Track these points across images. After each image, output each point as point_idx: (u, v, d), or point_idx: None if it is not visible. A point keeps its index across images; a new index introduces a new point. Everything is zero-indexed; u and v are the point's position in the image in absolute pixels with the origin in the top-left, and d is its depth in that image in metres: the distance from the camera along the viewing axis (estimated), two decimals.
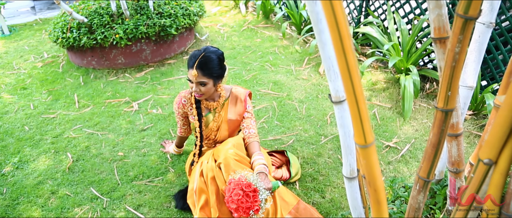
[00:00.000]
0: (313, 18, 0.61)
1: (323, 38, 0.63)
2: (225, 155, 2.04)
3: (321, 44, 0.64)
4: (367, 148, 0.64)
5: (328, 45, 0.64)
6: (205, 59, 2.02)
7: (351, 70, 0.53)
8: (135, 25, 3.90)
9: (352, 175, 0.86)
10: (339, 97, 0.73)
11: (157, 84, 3.84)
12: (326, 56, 0.66)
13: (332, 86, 0.71)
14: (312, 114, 3.20)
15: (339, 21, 0.49)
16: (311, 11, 0.60)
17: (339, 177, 2.53)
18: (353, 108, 0.58)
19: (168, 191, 2.47)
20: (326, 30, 0.62)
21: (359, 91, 0.56)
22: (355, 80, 0.54)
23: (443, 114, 0.84)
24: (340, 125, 0.77)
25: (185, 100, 2.27)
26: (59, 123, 3.26)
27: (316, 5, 0.59)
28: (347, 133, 0.78)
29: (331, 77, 0.69)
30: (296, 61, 4.17)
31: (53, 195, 2.48)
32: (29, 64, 4.45)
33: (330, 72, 0.68)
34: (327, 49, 0.65)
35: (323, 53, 0.65)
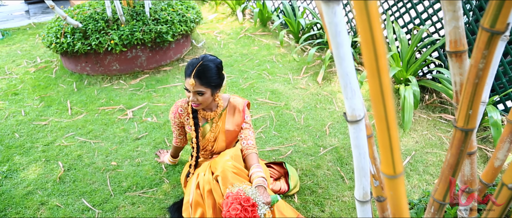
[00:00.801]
0: (332, 30, 0.55)
1: (341, 52, 0.57)
2: (222, 168, 1.97)
3: (338, 59, 0.58)
4: (396, 178, 0.58)
5: (347, 60, 0.58)
6: (203, 67, 1.96)
7: (385, 94, 0.47)
8: (130, 31, 3.83)
9: (365, 198, 0.80)
10: (356, 116, 0.67)
11: (152, 91, 3.77)
12: (343, 72, 0.60)
13: (349, 104, 0.65)
14: (310, 125, 3.14)
15: (376, 38, 0.43)
16: (330, 23, 0.55)
17: (339, 189, 2.46)
18: (383, 135, 0.52)
19: (163, 203, 2.39)
20: (345, 44, 0.56)
21: (392, 117, 0.50)
22: (388, 105, 0.48)
23: (463, 133, 0.78)
24: (355, 145, 0.71)
25: (181, 110, 2.20)
26: (51, 130, 3.17)
27: (336, 16, 0.53)
28: (362, 154, 0.72)
29: (348, 94, 0.63)
30: (294, 69, 4.11)
31: (42, 206, 2.39)
32: (21, 69, 4.36)
33: (347, 89, 0.62)
34: (345, 64, 0.59)
35: (341, 68, 0.59)
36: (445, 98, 3.42)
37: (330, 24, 0.55)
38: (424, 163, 2.70)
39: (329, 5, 0.53)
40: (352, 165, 2.64)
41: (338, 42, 0.56)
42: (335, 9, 0.53)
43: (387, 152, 0.55)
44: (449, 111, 3.27)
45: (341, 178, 2.56)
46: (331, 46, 0.58)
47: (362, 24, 0.43)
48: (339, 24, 0.54)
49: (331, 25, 0.55)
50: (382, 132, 0.52)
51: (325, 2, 0.53)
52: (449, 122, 3.14)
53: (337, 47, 0.56)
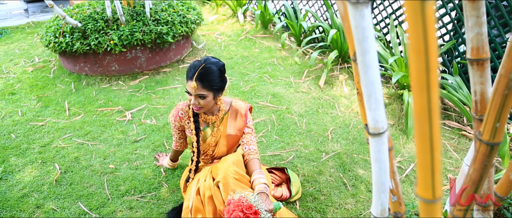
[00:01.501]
0: (358, 35, 0.50)
1: (367, 59, 0.52)
2: (224, 174, 1.92)
3: (364, 66, 0.53)
4: (434, 203, 0.53)
5: (373, 68, 0.53)
6: (206, 70, 1.90)
7: (433, 112, 0.42)
8: (130, 32, 3.78)
9: (383, 214, 0.75)
10: (379, 128, 0.62)
11: (151, 93, 3.71)
12: (368, 81, 0.55)
13: (371, 115, 0.60)
14: (312, 129, 3.09)
15: (430, 47, 0.38)
16: (357, 27, 0.50)
17: (342, 197, 2.41)
18: (424, 156, 0.47)
19: (161, 208, 2.34)
20: (372, 50, 0.51)
21: (437, 137, 0.45)
22: (435, 124, 0.43)
23: (488, 148, 0.73)
24: (376, 159, 0.66)
25: (182, 113, 2.14)
26: (48, 131, 3.11)
27: (364, 20, 0.48)
28: (383, 169, 0.67)
29: (372, 105, 0.58)
30: (295, 73, 4.07)
31: (38, 210, 2.33)
32: (19, 68, 4.30)
33: (371, 99, 0.57)
34: (371, 73, 0.54)
35: (365, 77, 0.54)
36: (449, 104, 3.38)
37: (357, 28, 0.50)
38: None
39: (357, 8, 0.48)
40: (355, 171, 2.60)
41: (364, 48, 0.51)
42: (363, 12, 0.48)
43: (427, 174, 0.50)
44: (453, 117, 3.23)
45: (344, 185, 2.51)
46: (356, 52, 0.53)
47: (415, 29, 0.38)
48: (367, 29, 0.49)
49: (358, 29, 0.50)
50: (424, 152, 0.47)
51: (353, 4, 0.48)
52: (453, 129, 3.10)
53: (363, 53, 0.51)
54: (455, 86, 3.15)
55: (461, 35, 3.21)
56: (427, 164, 0.49)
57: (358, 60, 0.53)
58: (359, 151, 2.83)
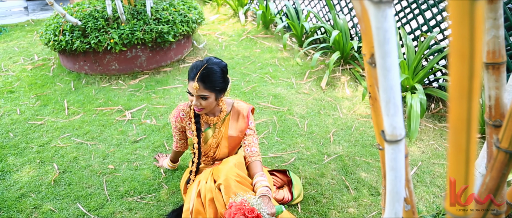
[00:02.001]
0: (380, 37, 0.47)
1: (388, 62, 0.49)
2: (225, 176, 1.88)
3: (383, 70, 0.50)
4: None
5: (393, 72, 0.50)
6: (208, 71, 1.87)
7: (472, 121, 0.39)
8: (131, 30, 3.74)
9: None
10: (397, 135, 0.59)
11: (152, 92, 3.68)
12: (388, 86, 0.52)
13: (389, 121, 0.57)
14: (314, 131, 3.06)
15: (475, 52, 0.35)
16: (378, 28, 0.46)
17: (344, 200, 2.38)
18: (458, 170, 0.44)
19: (161, 210, 2.30)
20: (393, 53, 0.48)
21: (474, 149, 0.42)
22: (472, 136, 0.40)
23: (507, 156, 0.70)
24: (392, 167, 0.63)
25: (183, 114, 2.11)
26: (47, 130, 3.08)
27: (386, 21, 0.45)
28: (399, 178, 0.63)
29: (390, 111, 0.55)
30: (297, 74, 4.03)
31: (35, 210, 2.29)
32: (18, 67, 4.26)
33: (389, 105, 0.54)
34: (391, 76, 0.51)
35: (385, 81, 0.51)
36: None
37: (379, 30, 0.46)
38: (431, 175, 2.63)
39: (379, 8, 0.45)
40: (357, 174, 2.57)
41: (385, 51, 0.48)
42: (386, 12, 0.45)
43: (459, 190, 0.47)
44: None
45: (346, 188, 2.48)
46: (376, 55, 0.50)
47: (460, 31, 0.35)
48: (389, 30, 0.46)
49: (379, 31, 0.46)
50: (458, 166, 0.44)
51: (376, 4, 0.45)
52: None
53: (383, 56, 0.48)
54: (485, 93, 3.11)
55: None
56: (460, 179, 0.46)
57: (378, 64, 0.50)
58: (361, 154, 2.80)
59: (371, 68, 0.60)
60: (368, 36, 0.57)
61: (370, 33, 0.55)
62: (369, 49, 0.58)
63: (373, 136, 3.00)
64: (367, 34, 0.57)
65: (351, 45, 3.87)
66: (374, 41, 0.48)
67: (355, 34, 4.24)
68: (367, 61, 0.59)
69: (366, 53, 0.59)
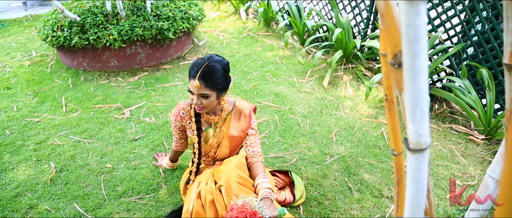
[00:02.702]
0: (410, 35, 0.42)
1: (417, 64, 0.44)
2: (227, 177, 1.83)
3: (412, 72, 0.45)
4: None
5: (422, 75, 0.45)
6: (209, 69, 1.81)
7: None
8: (130, 27, 3.68)
9: None
10: (421, 144, 0.53)
11: (151, 90, 3.62)
12: (415, 90, 0.46)
13: (414, 129, 0.52)
14: (316, 131, 3.01)
15: None
16: (409, 25, 0.41)
17: (346, 202, 2.33)
18: None
19: (160, 211, 2.25)
20: (423, 53, 0.43)
21: None
22: None
23: None
24: (414, 178, 0.58)
25: (183, 113, 2.05)
26: (44, 128, 3.02)
27: (418, 17, 0.40)
28: (421, 189, 0.58)
29: (416, 117, 0.50)
30: (299, 72, 3.98)
31: (31, 210, 2.24)
32: (15, 62, 4.20)
33: (416, 110, 0.49)
34: (420, 80, 0.45)
35: (413, 84, 0.46)
36: (456, 108, 3.30)
37: (409, 27, 0.41)
38: (435, 176, 2.58)
39: (412, 3, 0.39)
40: (360, 176, 2.52)
41: (415, 51, 0.42)
42: (419, 8, 0.40)
43: None
44: (460, 122, 3.15)
45: (349, 190, 2.43)
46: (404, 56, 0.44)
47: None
48: (421, 28, 0.41)
49: (410, 28, 0.41)
50: None
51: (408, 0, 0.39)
52: (460, 133, 3.02)
53: (412, 57, 0.43)
54: (463, 89, 3.07)
55: (470, 37, 3.12)
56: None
57: (405, 65, 0.45)
58: (364, 155, 2.75)
59: (394, 69, 0.55)
60: (391, 34, 0.52)
61: (394, 31, 0.50)
62: (391, 49, 0.53)
63: (376, 137, 2.95)
64: (390, 32, 0.51)
65: (353, 43, 3.81)
66: (402, 40, 0.43)
67: (358, 33, 4.18)
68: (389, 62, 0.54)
69: (388, 52, 0.54)
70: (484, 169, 2.65)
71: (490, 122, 2.92)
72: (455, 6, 3.16)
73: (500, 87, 3.03)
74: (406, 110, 0.50)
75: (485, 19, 3.01)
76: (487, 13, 2.97)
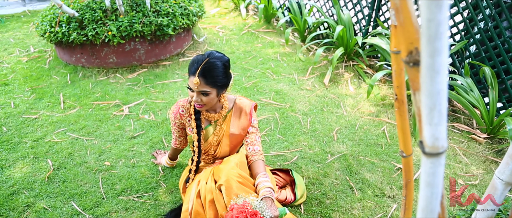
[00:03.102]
0: (431, 31, 0.39)
1: (437, 62, 0.40)
2: (227, 176, 1.80)
3: (431, 71, 0.42)
4: None
5: (442, 74, 0.42)
6: (209, 65, 1.78)
7: None
8: (129, 23, 3.64)
9: None
10: (438, 147, 0.50)
11: (150, 87, 3.58)
12: (434, 90, 0.43)
13: (430, 131, 0.48)
14: (317, 129, 2.98)
15: None
16: (430, 20, 0.38)
17: (348, 201, 2.30)
18: None
19: (159, 210, 2.22)
20: (444, 51, 0.40)
21: None
22: None
23: None
24: (428, 183, 0.54)
25: (183, 110, 2.02)
26: (41, 125, 2.98)
27: (441, 12, 0.37)
28: (435, 195, 0.55)
29: (434, 119, 0.46)
30: (299, 70, 3.94)
31: (28, 209, 2.21)
32: (13, 58, 4.16)
33: (433, 112, 0.45)
34: (439, 79, 0.42)
35: (431, 84, 0.43)
36: (458, 106, 3.27)
37: (431, 22, 0.38)
38: None
39: None
40: (362, 174, 2.48)
41: (436, 49, 0.39)
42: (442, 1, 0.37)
43: None
44: (462, 120, 3.11)
45: (350, 189, 2.40)
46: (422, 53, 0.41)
47: None
48: (443, 23, 0.37)
49: (431, 23, 0.38)
50: None
51: None
52: (463, 132, 2.99)
53: (432, 54, 0.40)
54: (466, 87, 3.04)
55: (473, 35, 3.08)
56: None
57: (424, 63, 0.41)
58: (365, 153, 2.71)
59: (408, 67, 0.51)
60: (407, 30, 0.49)
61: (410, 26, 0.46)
62: (406, 46, 0.49)
63: (377, 135, 2.92)
64: (405, 28, 0.48)
65: (355, 41, 3.77)
66: (421, 36, 0.39)
67: (359, 30, 4.14)
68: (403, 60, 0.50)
69: (403, 50, 0.51)
70: (487, 168, 2.62)
71: (493, 120, 2.88)
72: (458, 4, 3.12)
73: (502, 86, 3.00)
74: (422, 111, 0.47)
75: (488, 16, 2.97)
76: (491, 10, 2.93)
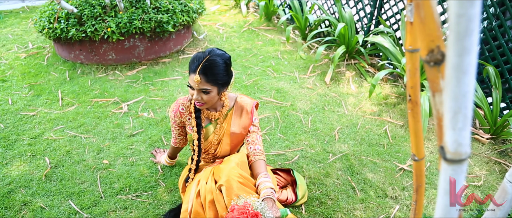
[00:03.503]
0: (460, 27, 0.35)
1: (465, 62, 0.37)
2: (227, 176, 1.76)
3: (457, 72, 0.38)
4: None
5: (470, 75, 0.38)
6: (210, 63, 1.74)
7: None
8: (129, 19, 3.59)
9: None
10: (461, 154, 0.46)
11: (149, 84, 3.54)
12: (460, 92, 0.40)
13: (454, 136, 0.45)
14: (318, 128, 2.94)
15: None
16: (460, 15, 0.34)
17: (350, 202, 2.26)
18: None
19: (158, 209, 2.18)
20: (473, 50, 0.36)
21: None
22: None
23: None
24: (447, 191, 0.51)
25: (183, 108, 1.98)
26: (39, 122, 2.94)
27: (473, 7, 0.33)
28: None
29: (458, 123, 0.43)
30: (300, 68, 3.90)
31: (25, 207, 2.17)
32: (11, 54, 4.11)
33: (458, 116, 0.42)
34: (467, 80, 0.39)
35: (458, 86, 0.39)
36: None
37: (461, 18, 0.34)
38: None
39: None
40: (364, 175, 2.45)
41: (465, 46, 0.36)
42: None
43: None
44: None
45: (352, 189, 2.36)
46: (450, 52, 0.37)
47: None
48: (474, 19, 0.34)
49: (461, 19, 0.34)
50: None
51: None
52: None
53: (461, 53, 0.36)
54: None
55: None
56: None
57: (451, 63, 0.38)
58: (367, 153, 2.68)
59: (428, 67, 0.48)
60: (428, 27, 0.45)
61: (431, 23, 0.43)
62: (427, 44, 0.45)
63: (379, 135, 2.88)
64: (426, 25, 0.44)
65: (356, 39, 3.73)
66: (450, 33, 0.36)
67: (361, 28, 4.10)
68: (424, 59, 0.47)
69: (422, 48, 0.47)
70: (490, 169, 2.59)
71: (496, 121, 2.85)
72: None
73: (506, 85, 2.97)
74: (445, 115, 0.43)
75: (492, 15, 2.93)
76: (495, 9, 2.90)
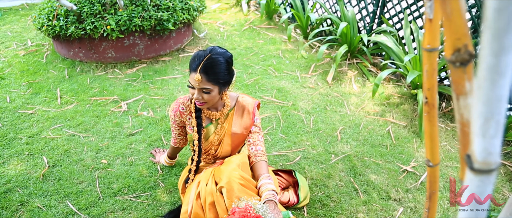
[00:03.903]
0: (499, 24, 0.31)
1: (503, 63, 0.33)
2: (228, 178, 1.72)
3: (493, 73, 0.34)
4: None
5: (507, 77, 0.34)
6: (212, 62, 1.69)
7: None
8: (129, 17, 3.55)
9: None
10: (491, 163, 0.42)
11: (149, 82, 3.50)
12: (494, 96, 0.36)
13: (483, 144, 0.41)
14: (320, 128, 2.90)
15: None
16: (500, 10, 0.30)
17: (353, 204, 2.22)
18: None
19: (157, 210, 2.14)
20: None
21: None
22: None
23: None
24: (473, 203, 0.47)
25: (183, 108, 1.94)
26: (37, 120, 2.90)
27: None
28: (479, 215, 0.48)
29: (489, 131, 0.39)
30: (302, 67, 3.86)
31: (22, 208, 2.13)
32: (10, 52, 4.06)
33: (490, 122, 0.38)
34: (502, 83, 0.35)
35: (492, 89, 0.35)
36: None
37: (501, 13, 0.30)
38: (445, 178, 2.48)
39: None
40: (367, 176, 2.41)
41: (503, 46, 0.32)
42: None
43: None
44: None
45: (355, 191, 2.32)
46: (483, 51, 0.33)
47: None
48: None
49: (501, 14, 0.30)
50: None
51: None
52: None
53: (498, 53, 0.32)
54: None
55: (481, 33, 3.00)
56: None
57: (485, 63, 0.34)
58: (370, 154, 2.64)
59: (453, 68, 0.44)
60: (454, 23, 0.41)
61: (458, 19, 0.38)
62: (452, 42, 0.41)
63: (382, 135, 2.84)
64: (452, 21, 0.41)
65: (359, 38, 3.69)
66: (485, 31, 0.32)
67: (363, 27, 4.06)
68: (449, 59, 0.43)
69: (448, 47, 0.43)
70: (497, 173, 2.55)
71: None
72: (466, 0, 3.04)
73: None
74: (474, 121, 0.39)
75: None
76: None
